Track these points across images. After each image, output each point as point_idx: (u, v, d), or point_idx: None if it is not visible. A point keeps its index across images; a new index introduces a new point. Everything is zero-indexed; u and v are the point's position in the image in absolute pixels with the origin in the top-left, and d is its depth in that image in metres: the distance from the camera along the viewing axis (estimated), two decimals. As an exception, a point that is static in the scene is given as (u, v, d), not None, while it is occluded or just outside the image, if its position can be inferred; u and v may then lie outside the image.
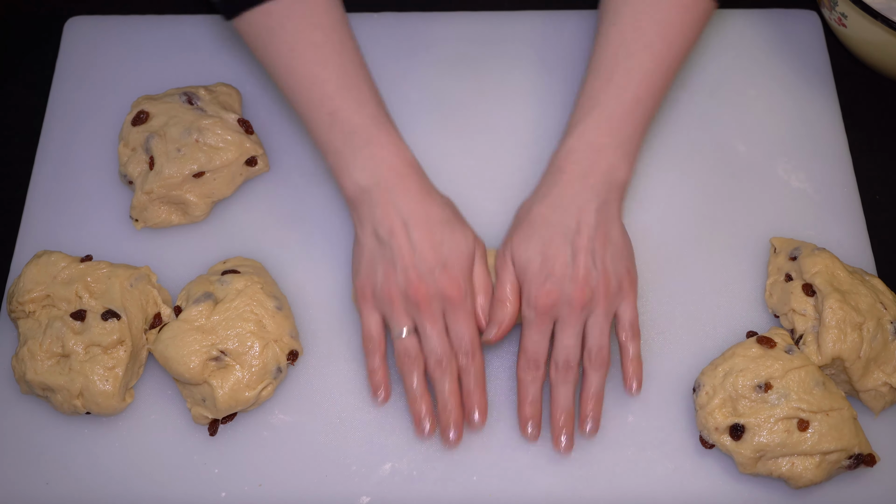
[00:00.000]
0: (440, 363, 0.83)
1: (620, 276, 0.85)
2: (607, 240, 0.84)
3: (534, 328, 0.84)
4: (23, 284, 0.88)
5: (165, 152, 0.93)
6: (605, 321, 0.84)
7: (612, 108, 0.86)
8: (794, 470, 0.82)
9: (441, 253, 0.83)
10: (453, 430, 0.84)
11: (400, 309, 0.84)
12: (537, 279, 0.83)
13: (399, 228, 0.83)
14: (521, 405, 0.86)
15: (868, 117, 1.07)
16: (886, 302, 0.88)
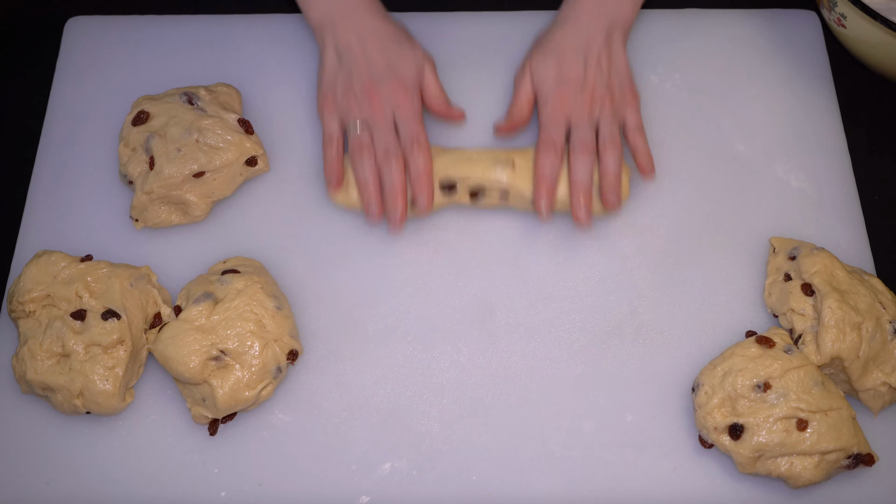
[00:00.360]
0: (387, 152, 0.92)
1: (624, 87, 0.97)
2: (611, 60, 0.96)
3: (551, 123, 0.94)
4: (23, 284, 0.88)
5: (165, 152, 0.93)
6: (613, 120, 0.95)
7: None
8: (792, 470, 0.82)
9: (391, 63, 0.95)
10: (398, 212, 0.92)
11: (355, 108, 0.94)
12: (553, 86, 0.95)
13: (356, 44, 0.95)
14: (539, 184, 0.93)
15: (867, 117, 1.07)
16: (885, 302, 0.88)
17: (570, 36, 0.96)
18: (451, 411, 0.89)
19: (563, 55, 0.95)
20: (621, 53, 0.97)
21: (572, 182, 0.93)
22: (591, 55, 0.95)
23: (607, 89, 0.95)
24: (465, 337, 0.92)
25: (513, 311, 0.93)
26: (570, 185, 0.93)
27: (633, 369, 0.90)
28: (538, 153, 0.93)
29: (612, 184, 0.93)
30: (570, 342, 0.92)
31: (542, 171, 0.93)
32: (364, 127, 0.94)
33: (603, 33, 0.96)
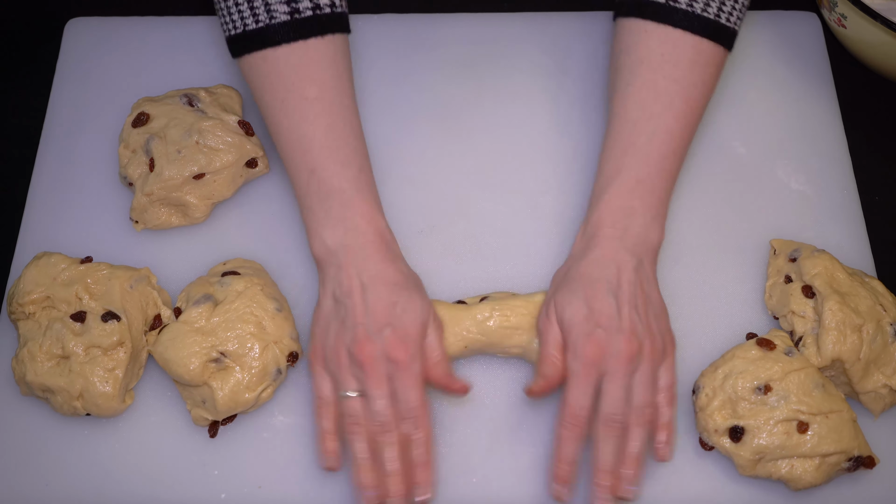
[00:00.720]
0: (383, 427, 0.80)
1: (664, 334, 0.83)
2: (647, 298, 0.84)
3: (581, 381, 0.80)
4: (23, 286, 0.88)
5: (166, 154, 0.93)
6: (651, 378, 0.81)
7: (638, 172, 0.85)
8: (793, 472, 0.82)
9: (393, 314, 0.82)
10: (398, 498, 0.80)
11: (346, 369, 0.81)
12: (584, 330, 0.81)
13: (356, 289, 0.83)
14: (558, 463, 0.81)
15: (868, 118, 1.07)
16: (886, 304, 0.88)
17: (597, 269, 0.83)
18: (451, 412, 0.88)
19: (593, 292, 0.82)
20: (654, 288, 0.85)
21: (597, 465, 0.80)
22: (623, 291, 0.82)
23: (647, 332, 0.81)
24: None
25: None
26: (594, 466, 0.80)
27: (633, 371, 0.90)
28: (560, 425, 0.81)
29: (634, 470, 0.80)
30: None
31: (563, 454, 0.81)
32: (357, 393, 0.81)
33: (632, 263, 0.83)
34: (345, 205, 0.85)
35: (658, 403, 0.82)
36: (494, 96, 1.04)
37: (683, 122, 0.86)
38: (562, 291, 0.84)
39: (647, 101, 0.86)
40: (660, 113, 0.85)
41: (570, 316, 0.82)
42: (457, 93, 1.03)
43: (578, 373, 0.80)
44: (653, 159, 0.85)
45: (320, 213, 0.85)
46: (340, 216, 0.85)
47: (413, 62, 1.05)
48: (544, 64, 1.06)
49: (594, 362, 0.80)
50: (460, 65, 1.05)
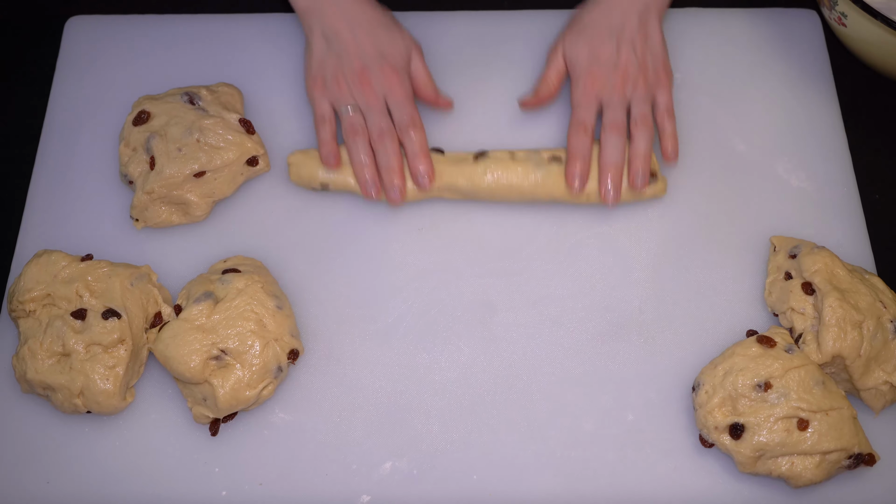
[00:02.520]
0: (381, 133, 0.94)
1: (657, 67, 0.97)
2: (646, 38, 0.97)
3: (582, 104, 0.95)
4: (23, 283, 0.88)
5: (166, 152, 0.93)
6: (645, 101, 0.95)
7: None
8: (793, 469, 0.82)
9: (380, 47, 0.96)
10: (398, 189, 0.94)
11: (346, 91, 0.95)
12: (585, 65, 0.96)
13: (344, 28, 0.96)
14: (572, 160, 0.94)
15: (868, 117, 1.07)
16: (886, 301, 0.88)
17: (604, 15, 0.97)
18: (452, 411, 0.89)
19: (596, 35, 0.96)
20: (656, 33, 0.98)
21: (603, 161, 0.94)
22: (624, 35, 0.96)
23: (640, 70, 0.95)
24: (466, 336, 0.92)
25: (513, 311, 0.93)
26: (600, 165, 0.94)
27: (633, 369, 0.90)
28: (570, 134, 0.94)
29: (642, 165, 0.94)
30: (570, 342, 0.92)
31: (575, 150, 0.94)
32: (356, 110, 0.95)
33: (637, 13, 0.96)
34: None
35: (659, 120, 0.97)
36: (494, 94, 1.04)
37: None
38: (571, 32, 0.98)
39: None
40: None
41: (574, 54, 0.97)
42: (457, 90, 1.03)
43: (580, 98, 0.96)
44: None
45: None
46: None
47: (413, 60, 1.05)
48: (543, 61, 1.05)
49: (593, 89, 0.95)
50: (460, 62, 1.05)
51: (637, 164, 0.94)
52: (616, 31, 0.96)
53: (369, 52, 0.95)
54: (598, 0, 0.98)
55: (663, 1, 0.98)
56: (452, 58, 1.06)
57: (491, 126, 1.02)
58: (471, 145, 1.00)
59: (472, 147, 0.99)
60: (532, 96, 1.00)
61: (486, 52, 1.06)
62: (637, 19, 0.96)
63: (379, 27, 0.97)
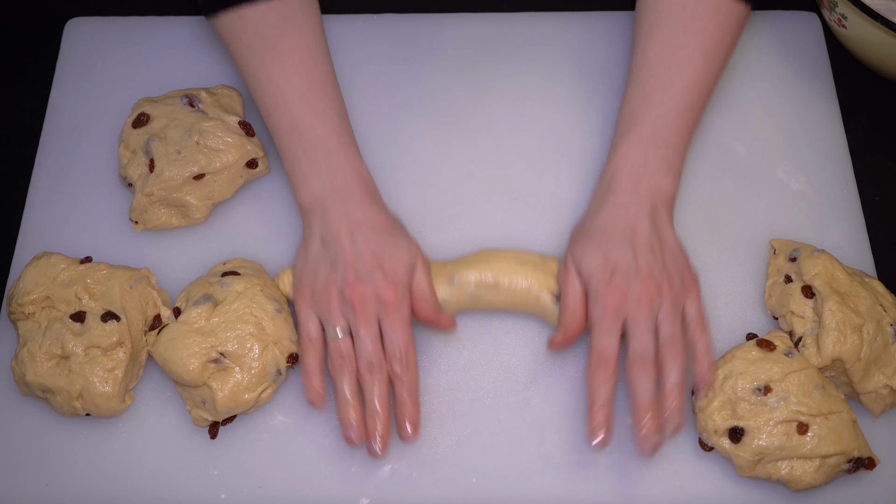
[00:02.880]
0: (371, 367, 0.83)
1: (682, 272, 0.85)
2: (662, 242, 0.86)
3: (604, 327, 0.82)
4: (22, 286, 0.88)
5: (165, 154, 0.93)
6: (675, 314, 0.83)
7: (654, 123, 0.88)
8: (793, 473, 0.82)
9: (381, 257, 0.85)
10: (379, 441, 0.83)
11: (336, 309, 0.84)
12: (603, 278, 0.83)
13: (344, 233, 0.85)
14: (593, 409, 0.82)
15: (868, 118, 1.07)
16: (886, 304, 0.88)
17: (612, 220, 0.86)
18: (451, 414, 0.88)
19: (609, 243, 0.84)
20: (671, 235, 0.87)
21: (636, 404, 0.81)
22: (639, 237, 0.84)
23: (664, 275, 0.83)
24: (465, 338, 0.92)
25: (512, 313, 0.93)
26: (633, 407, 0.82)
27: (633, 371, 0.90)
28: (590, 372, 0.82)
29: (677, 400, 0.81)
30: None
31: (596, 395, 0.82)
32: (346, 333, 0.84)
33: (647, 211, 0.86)
34: (328, 153, 0.88)
35: (690, 335, 0.84)
36: (495, 96, 1.04)
37: (702, 76, 0.88)
38: (578, 243, 0.87)
39: (665, 54, 0.88)
40: (678, 66, 0.87)
41: (587, 266, 0.84)
42: (457, 93, 1.03)
43: (601, 319, 0.82)
44: (669, 111, 0.87)
45: (304, 163, 0.88)
46: (325, 164, 0.88)
47: (413, 62, 1.05)
48: (545, 64, 1.06)
49: (616, 307, 0.82)
50: (461, 65, 1.05)
51: (671, 399, 0.81)
52: (629, 237, 0.84)
53: (366, 264, 0.84)
54: (599, 207, 0.88)
55: (670, 199, 0.88)
56: (453, 60, 1.06)
57: (491, 128, 1.02)
58: (469, 150, 1.00)
59: (472, 154, 0.99)
60: (560, 334, 0.85)
61: (487, 55, 1.06)
62: (648, 222, 0.85)
63: (383, 233, 0.86)
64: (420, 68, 1.05)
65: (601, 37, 1.07)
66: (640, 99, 0.89)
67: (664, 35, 0.89)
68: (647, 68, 0.89)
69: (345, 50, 1.06)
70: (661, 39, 0.89)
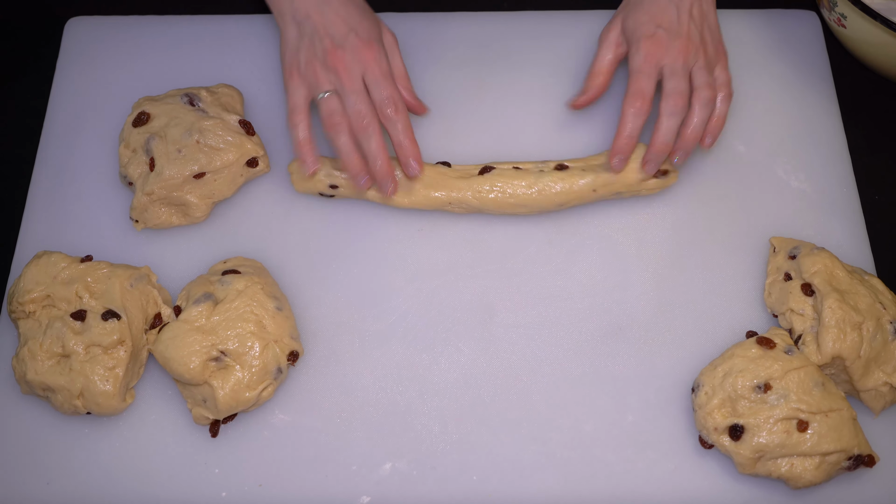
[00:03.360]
0: (363, 120, 0.89)
1: (717, 41, 0.95)
2: (704, 15, 0.94)
3: (643, 71, 0.91)
4: (23, 285, 0.88)
5: (166, 153, 0.93)
6: (708, 68, 0.92)
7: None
8: (793, 471, 0.82)
9: (351, 23, 0.91)
10: (390, 181, 0.91)
11: (322, 77, 0.90)
12: (647, 31, 0.92)
13: (315, 11, 0.91)
14: (619, 136, 0.91)
15: (868, 117, 1.07)
16: (886, 302, 0.88)
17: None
18: (452, 411, 0.89)
19: (657, 3, 0.93)
20: (713, 13, 0.95)
21: (656, 140, 0.91)
22: (684, 5, 0.93)
23: (701, 37, 0.93)
24: (466, 337, 0.92)
25: (513, 311, 0.93)
26: (654, 133, 0.91)
27: (633, 369, 0.90)
28: (626, 103, 0.91)
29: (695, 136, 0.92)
30: (570, 342, 0.92)
31: (625, 126, 0.91)
32: (334, 95, 0.90)
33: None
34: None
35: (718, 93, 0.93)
36: (495, 95, 1.04)
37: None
38: (629, 5, 0.95)
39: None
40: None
41: (633, 21, 0.94)
42: (456, 91, 1.03)
43: (641, 65, 0.91)
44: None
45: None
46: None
47: (413, 61, 1.05)
48: (544, 63, 1.06)
49: (655, 56, 0.91)
50: (460, 64, 1.05)
51: (691, 135, 0.91)
52: (676, 2, 0.93)
53: (340, 30, 0.90)
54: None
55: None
56: (452, 59, 1.06)
57: (491, 127, 1.02)
58: (469, 149, 1.00)
59: (471, 153, 0.99)
60: (582, 92, 0.96)
61: (487, 54, 1.06)
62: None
63: (349, 5, 0.92)
64: (420, 67, 1.05)
65: (601, 36, 1.07)
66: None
67: None
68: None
69: (345, 49, 1.06)
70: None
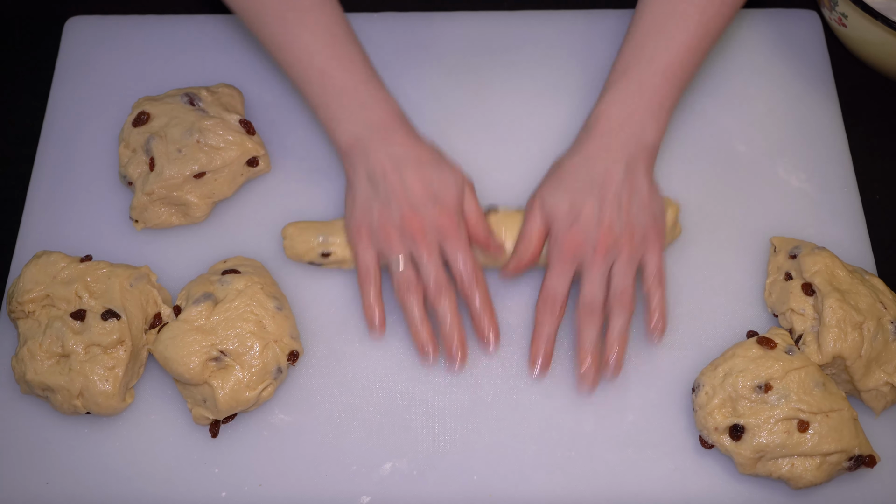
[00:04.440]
0: (439, 289, 0.86)
1: (646, 225, 0.87)
2: (633, 192, 0.87)
3: (557, 269, 0.87)
4: (22, 284, 0.88)
5: (166, 153, 0.93)
6: (629, 267, 0.86)
7: (641, 75, 0.89)
8: (794, 471, 0.82)
9: (431, 188, 0.87)
10: (459, 352, 0.87)
11: (396, 242, 0.86)
12: (564, 223, 0.87)
13: (391, 170, 0.87)
14: (535, 341, 0.88)
15: (868, 117, 1.07)
16: (886, 301, 0.88)
17: (586, 167, 0.88)
18: (452, 411, 0.89)
19: (577, 189, 0.87)
20: (645, 182, 0.88)
21: (578, 346, 0.87)
22: (607, 189, 0.86)
23: (625, 230, 0.86)
24: (466, 336, 0.92)
25: (514, 311, 0.93)
26: (577, 349, 0.87)
27: (633, 369, 0.90)
28: (538, 308, 0.88)
29: (618, 351, 0.86)
30: (570, 342, 0.91)
31: (539, 333, 0.88)
32: (408, 263, 0.86)
33: (623, 160, 0.87)
34: (361, 98, 0.89)
35: (646, 289, 0.87)
36: (495, 95, 1.04)
37: (696, 42, 0.89)
38: (550, 183, 0.89)
39: (664, 13, 0.90)
40: (672, 29, 0.89)
41: (551, 208, 0.88)
42: (456, 91, 1.03)
43: (556, 261, 0.87)
44: (658, 67, 0.89)
45: (338, 109, 0.89)
46: (360, 107, 0.89)
47: (412, 60, 1.05)
48: (544, 62, 1.06)
49: (572, 253, 0.86)
50: (460, 63, 1.05)
51: (613, 349, 0.86)
52: (598, 187, 0.86)
53: (419, 195, 0.86)
54: (578, 149, 0.89)
55: (651, 150, 0.89)
56: (452, 58, 1.06)
57: (491, 127, 1.02)
58: (469, 149, 1.00)
59: (472, 152, 1.00)
60: (513, 261, 0.89)
61: (486, 53, 1.06)
62: (622, 172, 0.87)
63: (428, 165, 0.88)
64: (420, 67, 1.05)
65: (601, 35, 1.07)
66: (633, 52, 0.90)
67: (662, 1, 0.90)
68: (643, 25, 0.90)
69: (345, 49, 1.06)
70: (659, 4, 0.90)
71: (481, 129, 1.02)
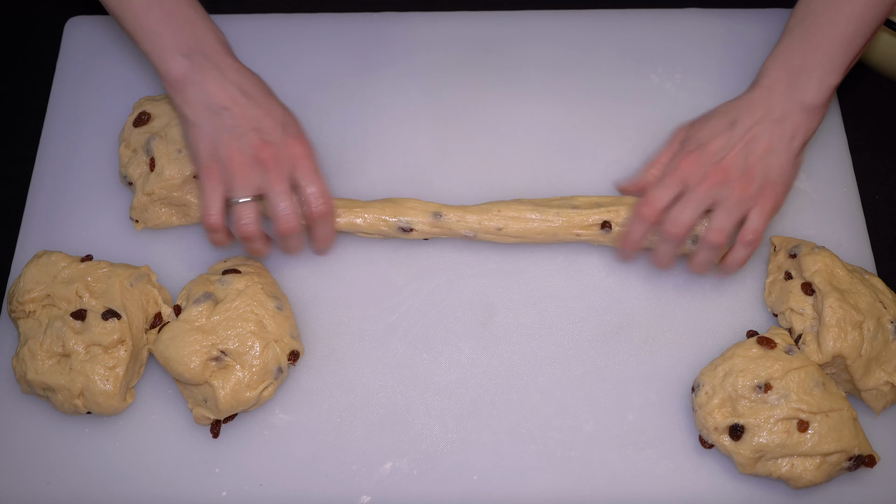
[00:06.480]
0: (288, 228, 0.87)
1: (768, 183, 0.86)
2: (772, 149, 0.87)
3: (664, 182, 0.88)
4: (23, 284, 0.88)
5: (166, 153, 0.93)
6: (731, 212, 0.86)
7: (817, 37, 0.88)
8: (793, 471, 0.82)
9: (276, 118, 0.87)
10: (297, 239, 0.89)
11: (246, 174, 0.85)
12: (691, 146, 0.88)
13: (234, 99, 0.86)
14: (624, 241, 0.90)
15: (868, 117, 1.07)
16: (886, 301, 0.88)
17: (739, 110, 0.88)
18: (452, 411, 0.89)
19: (721, 124, 0.88)
20: (787, 148, 0.87)
21: (654, 258, 0.91)
22: (746, 135, 0.87)
23: (743, 176, 0.86)
24: (466, 337, 0.92)
25: (513, 311, 0.93)
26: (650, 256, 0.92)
27: (633, 369, 0.90)
28: (638, 206, 0.89)
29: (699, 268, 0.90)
30: (570, 342, 0.92)
31: (630, 234, 0.90)
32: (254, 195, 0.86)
33: (775, 118, 0.87)
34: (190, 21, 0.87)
35: (737, 240, 0.87)
36: (495, 94, 1.04)
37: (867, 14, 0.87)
38: (706, 115, 0.91)
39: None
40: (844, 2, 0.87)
41: (691, 134, 0.90)
42: (457, 91, 1.03)
43: (667, 175, 0.88)
44: (830, 27, 0.88)
45: (167, 35, 0.87)
46: (190, 32, 0.87)
47: (413, 60, 1.05)
48: (544, 62, 1.06)
49: (682, 172, 0.87)
50: (460, 63, 1.05)
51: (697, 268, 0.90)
52: (743, 129, 0.87)
53: (268, 125, 0.86)
54: (743, 95, 0.90)
55: (811, 112, 0.87)
56: (452, 58, 1.06)
57: (491, 126, 1.02)
58: (469, 149, 1.00)
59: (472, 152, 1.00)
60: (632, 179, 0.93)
61: (487, 53, 1.06)
62: (771, 125, 0.87)
63: (266, 96, 0.88)
64: (420, 66, 1.05)
65: (601, 35, 1.07)
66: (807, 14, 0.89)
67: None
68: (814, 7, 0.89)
69: (344, 48, 1.06)
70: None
71: (481, 129, 1.02)
